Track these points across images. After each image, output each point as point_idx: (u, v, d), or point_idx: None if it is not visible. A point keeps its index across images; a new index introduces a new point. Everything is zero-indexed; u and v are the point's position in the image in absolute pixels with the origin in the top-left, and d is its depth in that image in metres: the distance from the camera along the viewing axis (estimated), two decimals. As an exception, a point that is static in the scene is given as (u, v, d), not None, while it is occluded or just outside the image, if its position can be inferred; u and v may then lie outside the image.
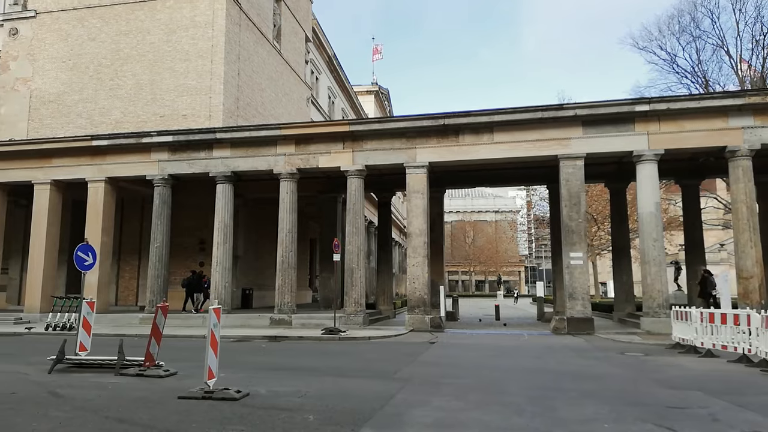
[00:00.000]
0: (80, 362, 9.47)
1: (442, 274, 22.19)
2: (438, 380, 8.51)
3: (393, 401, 6.90)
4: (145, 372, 8.63)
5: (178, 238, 21.51)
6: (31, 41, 24.58)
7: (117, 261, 23.03)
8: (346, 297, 18.05)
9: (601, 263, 45.45)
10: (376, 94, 55.88)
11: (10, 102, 24.40)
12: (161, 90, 22.94)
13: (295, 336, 15.27)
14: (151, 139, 19.34)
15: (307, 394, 7.22)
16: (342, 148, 18.27)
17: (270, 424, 5.72)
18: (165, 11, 23.43)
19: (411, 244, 17.56)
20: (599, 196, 35.18)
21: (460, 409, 6.59)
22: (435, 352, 12.28)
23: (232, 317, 18.16)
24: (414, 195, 17.61)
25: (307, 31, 33.71)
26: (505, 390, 7.82)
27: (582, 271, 16.31)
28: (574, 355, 11.85)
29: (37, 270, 19.84)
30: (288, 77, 30.24)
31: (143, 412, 6.26)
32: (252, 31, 25.64)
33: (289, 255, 18.46)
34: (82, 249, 10.58)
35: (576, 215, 16.45)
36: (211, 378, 7.09)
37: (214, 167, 19.07)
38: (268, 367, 10.09)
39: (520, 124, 16.82)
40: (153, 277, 19.07)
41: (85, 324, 10.20)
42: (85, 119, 23.37)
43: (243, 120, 23.77)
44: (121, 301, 23.64)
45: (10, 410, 6.33)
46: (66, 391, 7.44)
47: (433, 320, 17.26)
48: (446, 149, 17.42)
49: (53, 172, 20.24)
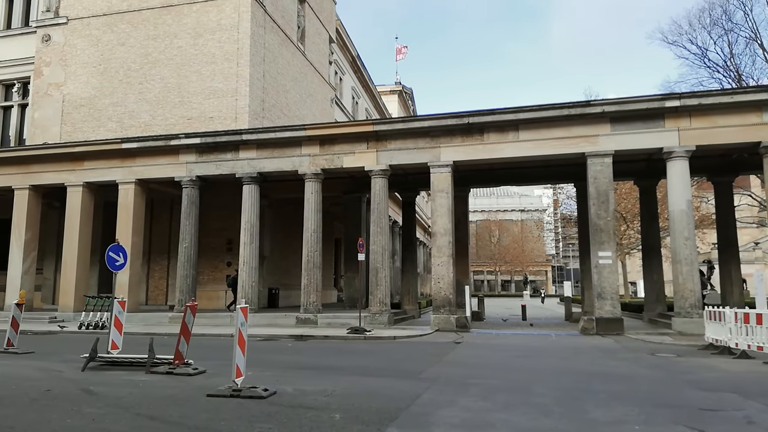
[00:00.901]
0: (112, 360, 9.69)
1: (468, 274, 22.07)
2: (464, 380, 8.45)
3: (419, 401, 6.88)
4: (174, 370, 8.79)
5: (206, 239, 21.85)
6: (63, 47, 25.24)
7: (147, 261, 23.49)
8: (371, 296, 18.08)
9: (631, 262, 44.63)
10: (400, 94, 55.85)
11: (43, 107, 25.10)
12: (188, 93, 23.32)
13: (320, 335, 15.36)
14: (179, 142, 19.68)
15: (333, 393, 7.25)
16: (366, 148, 18.30)
17: (297, 423, 5.76)
18: (192, 15, 23.81)
19: (436, 244, 17.49)
20: (628, 194, 34.53)
21: (487, 409, 6.53)
22: (461, 352, 12.21)
23: (258, 316, 18.37)
24: (438, 194, 17.54)
25: (330, 32, 33.87)
26: (532, 391, 7.73)
27: (611, 271, 16.02)
28: (603, 356, 11.65)
29: (70, 270, 20.38)
30: (312, 78, 30.43)
31: (173, 410, 6.37)
32: (276, 33, 25.88)
33: (314, 255, 18.58)
34: (113, 249, 10.82)
35: (604, 213, 16.17)
36: (238, 376, 7.18)
37: (241, 168, 19.30)
38: (295, 366, 10.17)
39: (546, 122, 16.60)
40: (182, 277, 19.41)
41: (116, 323, 10.44)
42: (115, 122, 23.90)
43: (268, 121, 24.01)
44: (151, 301, 24.11)
45: (45, 406, 6.51)
46: (99, 389, 7.62)
47: (458, 320, 17.17)
48: (471, 148, 17.31)
49: (85, 175, 20.75)
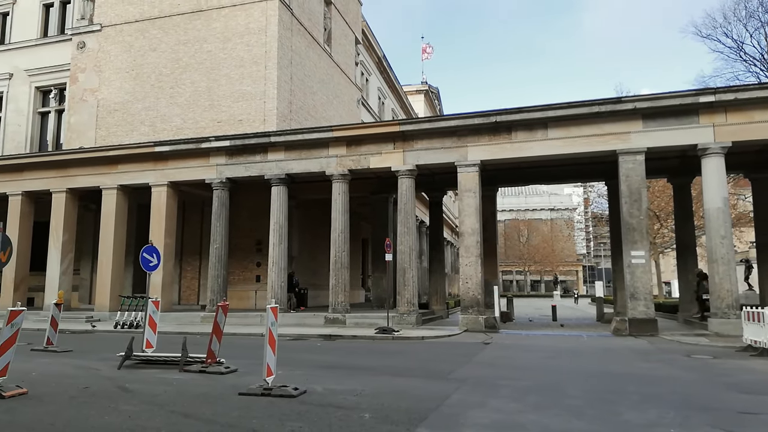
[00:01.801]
0: (147, 359, 9.93)
1: (496, 274, 21.89)
2: (494, 381, 8.39)
3: (449, 402, 6.86)
4: (207, 369, 8.95)
5: (236, 240, 22.18)
6: (97, 53, 25.94)
7: (179, 262, 23.96)
8: (399, 297, 18.08)
9: (665, 262, 43.62)
10: (426, 94, 55.73)
11: (79, 112, 25.84)
12: (218, 96, 23.71)
13: (349, 335, 15.44)
14: (209, 144, 20.03)
15: (362, 393, 7.28)
16: (392, 149, 18.32)
17: (326, 422, 5.80)
18: (220, 20, 24.20)
19: (463, 244, 17.40)
20: (662, 191, 33.75)
21: (518, 410, 6.47)
22: (490, 353, 12.12)
23: (288, 316, 18.56)
24: (466, 194, 17.44)
25: (356, 33, 34.01)
26: (564, 392, 7.62)
27: (644, 270, 15.69)
28: (637, 358, 11.41)
29: (105, 271, 20.93)
30: (338, 80, 30.61)
31: (206, 408, 6.50)
32: (303, 36, 26.11)
33: (341, 255, 18.68)
34: (147, 250, 11.08)
35: (637, 212, 15.84)
36: (269, 375, 7.27)
37: (269, 170, 19.53)
38: (324, 365, 10.24)
39: (575, 119, 16.35)
40: (213, 277, 19.74)
41: (151, 322, 10.69)
42: (147, 126, 24.46)
43: (296, 123, 24.25)
44: (184, 300, 24.59)
45: (84, 403, 6.71)
46: (134, 386, 7.81)
47: (487, 320, 17.04)
48: (498, 147, 17.16)
49: (119, 178, 21.28)
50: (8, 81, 28.29)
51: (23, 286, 22.26)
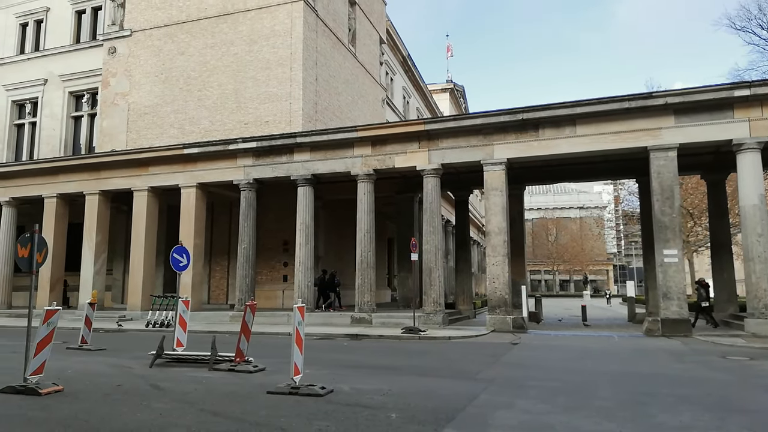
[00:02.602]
0: (177, 357, 10.10)
1: (524, 274, 21.64)
2: (522, 382, 8.29)
3: (476, 402, 6.80)
4: (236, 367, 9.06)
5: (263, 240, 22.42)
6: (127, 58, 26.52)
7: (208, 262, 24.34)
8: (425, 296, 18.03)
9: (699, 261, 42.50)
10: (451, 92, 55.44)
11: (111, 116, 26.47)
12: (245, 98, 24.00)
13: (375, 335, 15.45)
14: (237, 146, 20.28)
15: (389, 393, 7.27)
16: (417, 148, 18.27)
17: (354, 421, 5.81)
18: (246, 23, 24.49)
19: (490, 243, 17.24)
20: (695, 188, 32.89)
21: (547, 412, 6.38)
22: (518, 354, 11.98)
23: (314, 316, 18.67)
24: (492, 192, 17.28)
25: (381, 33, 34.04)
26: (594, 394, 7.49)
27: (677, 269, 15.31)
28: (670, 359, 11.14)
29: (137, 271, 21.38)
30: (363, 80, 30.67)
31: (235, 406, 6.57)
32: (328, 37, 26.24)
33: (367, 255, 18.71)
34: (177, 251, 11.28)
35: (669, 210, 15.46)
36: (297, 374, 7.31)
37: (295, 171, 19.68)
38: (351, 364, 10.27)
39: (604, 116, 16.03)
40: (241, 277, 19.99)
41: (181, 321, 10.88)
42: (177, 129, 24.90)
43: (321, 124, 24.38)
44: (213, 300, 24.97)
45: (117, 401, 6.86)
46: (165, 384, 7.95)
47: (515, 321, 16.85)
48: (525, 144, 16.95)
49: (150, 180, 21.72)
50: (43, 86, 29.15)
51: (59, 285, 22.90)
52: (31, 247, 7.69)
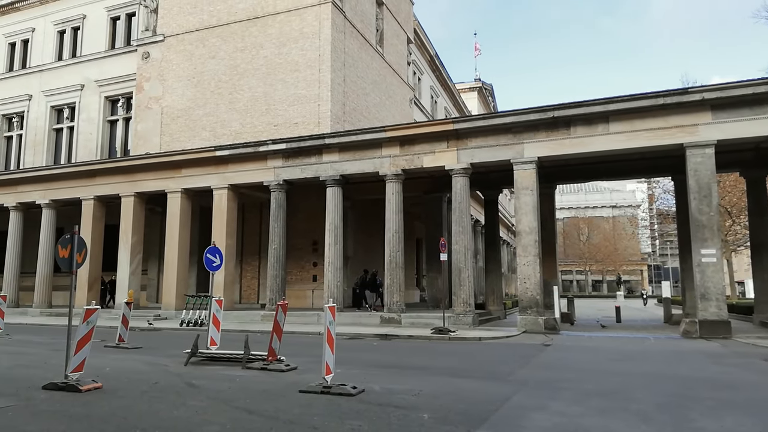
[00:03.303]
0: (211, 356, 10.27)
1: (556, 274, 21.32)
2: (556, 384, 8.16)
3: (509, 404, 6.73)
4: (268, 366, 9.17)
5: (293, 240, 22.62)
6: (160, 63, 27.11)
7: (240, 262, 24.69)
8: (454, 297, 17.93)
9: (737, 261, 41.24)
10: (479, 91, 55.02)
11: (145, 119, 27.10)
12: (274, 101, 24.27)
13: (404, 335, 15.43)
14: (267, 148, 20.52)
15: (420, 393, 7.25)
16: (446, 147, 18.17)
17: (386, 421, 5.81)
18: (276, 26, 24.76)
19: (521, 243, 17.04)
20: (733, 186, 31.86)
21: (581, 414, 6.26)
22: (551, 355, 11.81)
23: (343, 315, 18.74)
24: (522, 192, 17.07)
25: (408, 33, 33.99)
26: (630, 396, 7.32)
27: (715, 269, 14.86)
28: (709, 361, 10.82)
29: (171, 271, 21.83)
30: (391, 80, 30.68)
31: (268, 404, 6.65)
32: (356, 38, 26.34)
33: (396, 255, 18.70)
34: (210, 251, 11.47)
35: (707, 208, 15.02)
36: (328, 374, 7.36)
37: (324, 171, 19.81)
38: (381, 364, 10.28)
39: (638, 112, 15.67)
40: (272, 277, 20.21)
41: (215, 321, 11.07)
42: (208, 132, 25.34)
43: (349, 125, 24.48)
44: (245, 299, 25.32)
45: (154, 398, 7.01)
46: (200, 382, 8.09)
47: (547, 322, 16.61)
48: (556, 143, 16.69)
49: (183, 182, 22.15)
50: (80, 92, 30.04)
51: (96, 285, 23.54)
52: (71, 248, 7.92)
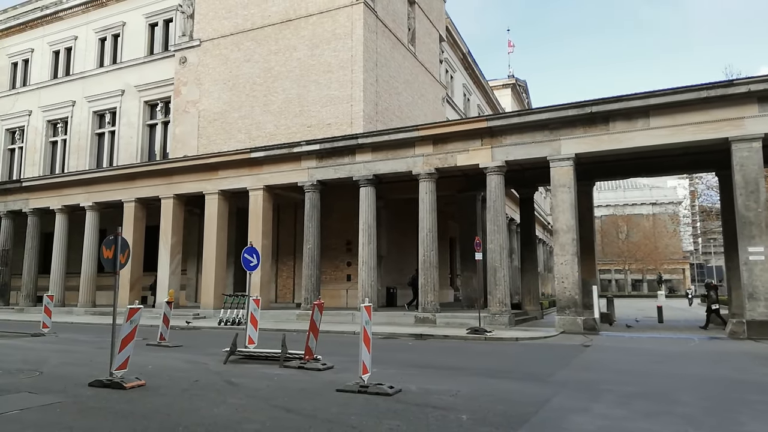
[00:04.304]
0: (249, 354, 10.42)
1: (594, 273, 20.84)
2: (597, 386, 7.96)
3: (549, 405, 6.59)
4: (305, 365, 9.24)
5: (327, 240, 22.77)
6: (197, 67, 27.68)
7: (275, 262, 25.01)
8: (490, 296, 17.72)
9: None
10: (513, 87, 54.31)
11: (183, 123, 27.72)
12: (307, 102, 24.48)
13: (440, 335, 15.35)
14: (300, 149, 20.72)
15: (458, 394, 7.18)
16: (480, 145, 17.99)
17: (424, 422, 5.77)
18: (308, 27, 24.97)
19: (558, 242, 16.73)
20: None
21: (625, 417, 6.09)
22: (591, 356, 11.54)
23: (378, 315, 18.73)
24: (560, 189, 16.76)
25: (440, 31, 33.80)
26: (675, 399, 7.09)
27: (764, 268, 14.26)
28: (758, 363, 10.40)
29: (209, 270, 22.28)
30: (423, 78, 30.57)
31: (306, 403, 6.69)
32: (388, 37, 26.33)
33: (430, 254, 18.62)
34: (247, 251, 11.64)
35: (754, 204, 14.44)
36: (365, 373, 7.36)
37: (357, 171, 19.87)
38: (417, 364, 10.23)
39: (681, 106, 15.17)
40: (307, 277, 20.40)
41: (252, 320, 11.24)
42: (244, 134, 25.75)
43: (382, 124, 24.49)
44: (280, 299, 25.63)
45: (195, 396, 7.14)
46: (239, 381, 8.21)
47: (586, 322, 16.26)
48: (594, 139, 16.31)
49: (220, 183, 22.57)
50: (120, 97, 30.96)
51: (138, 285, 24.20)
52: (114, 248, 8.14)
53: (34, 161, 33.69)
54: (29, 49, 34.97)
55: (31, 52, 34.93)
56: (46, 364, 9.91)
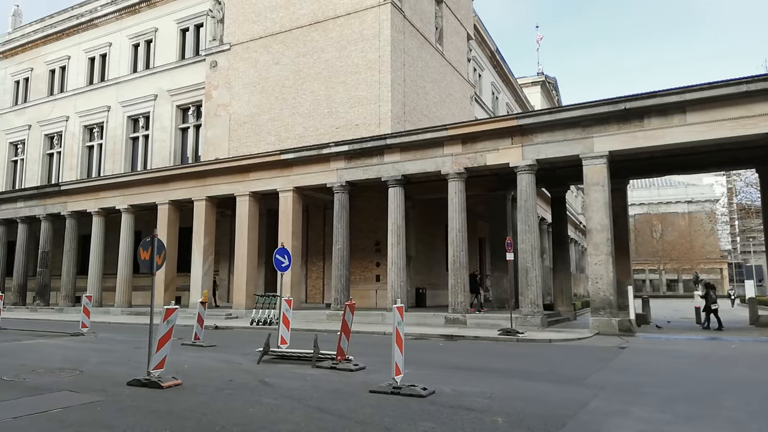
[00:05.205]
0: (282, 354, 10.50)
1: (629, 273, 20.38)
2: (636, 389, 7.76)
3: (587, 409, 6.45)
4: (337, 365, 9.26)
5: (356, 240, 22.82)
6: (227, 71, 28.09)
7: (305, 262, 25.19)
8: (521, 297, 17.49)
9: (831, 257, 37.91)
10: (543, 85, 53.57)
11: (214, 126, 28.16)
12: (336, 103, 24.58)
13: (470, 336, 15.21)
14: (329, 150, 20.81)
15: (492, 396, 7.08)
16: (510, 144, 17.77)
17: (459, 424, 5.71)
18: (336, 29, 25.08)
19: (591, 241, 16.40)
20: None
21: (667, 422, 5.91)
22: (628, 358, 11.27)
23: (408, 315, 18.60)
24: (593, 188, 16.43)
25: (468, 29, 33.55)
26: (719, 403, 6.86)
27: (809, 268, 13.72)
28: (806, 367, 10.00)
29: (241, 271, 22.57)
30: (451, 77, 30.39)
31: (340, 404, 6.70)
32: (415, 37, 26.26)
33: (460, 255, 18.48)
34: (279, 252, 11.74)
35: (798, 201, 13.90)
36: (398, 374, 7.34)
37: (386, 172, 19.85)
38: (449, 365, 10.16)
39: (719, 101, 14.69)
40: (336, 277, 20.48)
41: (284, 320, 11.32)
42: (273, 136, 26.01)
43: (410, 124, 24.42)
44: (310, 299, 25.80)
45: (230, 395, 7.22)
46: (273, 380, 8.28)
47: (621, 323, 15.90)
48: (629, 136, 15.93)
49: (251, 185, 22.84)
50: (153, 102, 31.63)
51: (172, 286, 24.68)
52: (151, 250, 8.30)
53: (71, 165, 34.71)
54: (66, 56, 36.05)
55: (67, 59, 36.00)
56: (86, 363, 10.17)
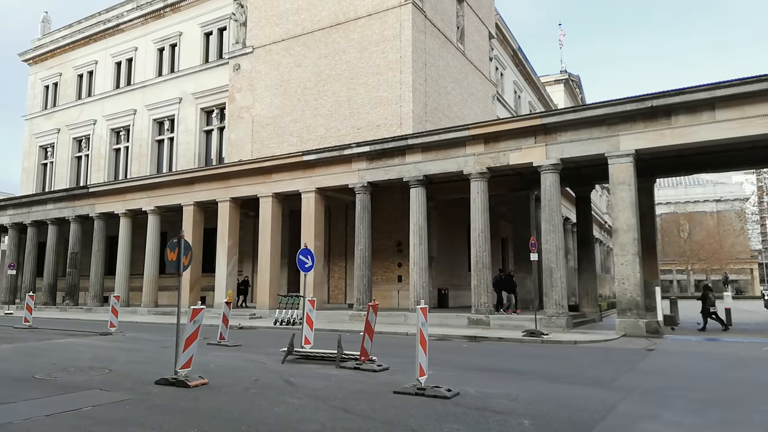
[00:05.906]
0: (306, 354, 10.55)
1: (656, 274, 20.00)
2: (665, 392, 7.60)
3: (615, 412, 6.33)
4: (361, 366, 9.27)
5: (378, 241, 22.83)
6: (250, 73, 28.37)
7: (327, 263, 25.29)
8: (546, 298, 17.29)
9: None
10: (566, 83, 52.98)
11: (237, 128, 28.47)
12: (357, 104, 24.64)
13: (494, 337, 15.08)
14: (351, 151, 20.87)
15: (518, 398, 7.01)
16: (533, 143, 17.59)
17: (485, 426, 5.66)
18: (357, 30, 25.14)
19: (618, 241, 16.14)
20: None
21: (699, 425, 5.78)
22: (656, 360, 11.05)
23: (430, 316, 18.46)
24: (619, 187, 16.16)
25: (489, 28, 33.33)
26: (752, 407, 6.68)
27: None
28: (844, 371, 9.68)
29: (264, 271, 22.76)
30: (472, 77, 30.22)
31: (364, 404, 6.69)
32: (436, 37, 26.18)
33: (482, 255, 18.35)
34: (302, 253, 11.82)
35: (834, 199, 13.48)
36: (422, 375, 7.31)
37: (407, 172, 19.82)
38: (473, 367, 10.09)
39: (749, 97, 14.32)
40: (359, 278, 20.52)
41: (308, 320, 11.38)
42: (295, 138, 26.18)
43: (431, 124, 24.35)
44: (332, 300, 25.90)
45: (256, 395, 7.27)
46: (297, 380, 8.32)
47: (648, 325, 15.61)
48: (655, 134, 15.64)
49: (273, 186, 23.02)
50: (178, 105, 32.12)
51: (197, 286, 25.02)
52: (178, 251, 8.41)
53: (99, 168, 35.45)
54: (93, 61, 36.85)
55: (95, 63, 36.79)
56: (114, 362, 10.36)
